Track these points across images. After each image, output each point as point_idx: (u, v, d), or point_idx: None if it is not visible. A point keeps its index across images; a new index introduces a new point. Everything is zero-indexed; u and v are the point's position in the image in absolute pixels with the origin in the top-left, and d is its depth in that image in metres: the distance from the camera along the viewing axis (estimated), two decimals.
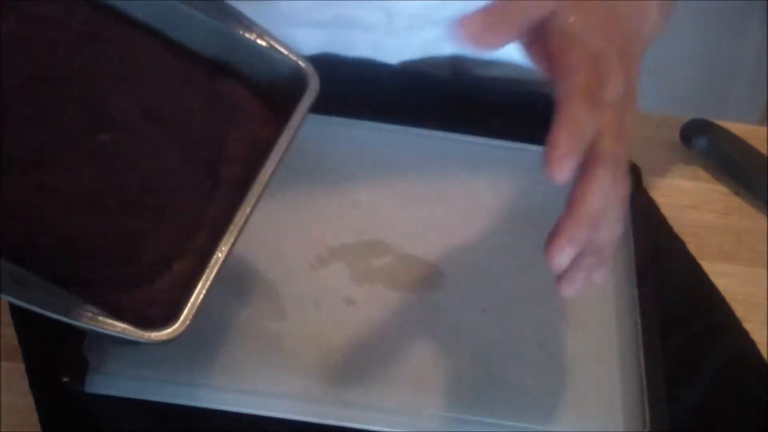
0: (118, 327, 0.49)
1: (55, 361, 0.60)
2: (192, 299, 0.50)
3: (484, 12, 0.49)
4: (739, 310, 0.69)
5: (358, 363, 0.62)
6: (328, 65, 0.60)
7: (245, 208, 0.52)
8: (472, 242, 0.69)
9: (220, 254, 0.51)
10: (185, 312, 0.50)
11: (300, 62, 0.57)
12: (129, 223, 0.53)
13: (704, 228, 0.75)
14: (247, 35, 0.57)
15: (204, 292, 0.50)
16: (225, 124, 0.57)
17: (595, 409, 0.62)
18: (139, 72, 0.57)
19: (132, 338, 0.49)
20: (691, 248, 0.73)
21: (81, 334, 0.61)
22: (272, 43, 0.57)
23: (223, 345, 0.62)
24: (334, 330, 0.63)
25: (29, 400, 0.60)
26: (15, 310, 0.64)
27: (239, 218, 0.52)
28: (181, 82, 0.57)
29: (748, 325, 0.68)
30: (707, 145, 0.78)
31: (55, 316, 0.48)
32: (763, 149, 0.79)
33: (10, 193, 0.51)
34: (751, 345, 0.67)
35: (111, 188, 0.53)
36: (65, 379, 0.59)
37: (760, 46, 1.70)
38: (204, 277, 0.51)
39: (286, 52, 0.57)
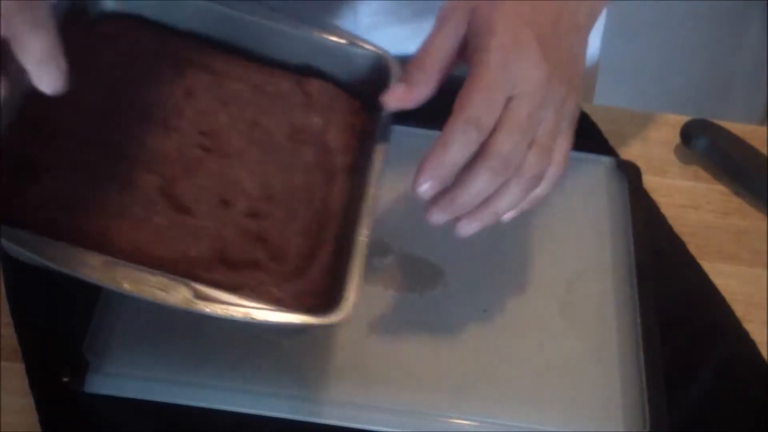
0: (298, 318, 0.51)
1: (55, 361, 0.60)
2: (352, 280, 0.53)
3: (405, 78, 0.56)
4: (739, 310, 0.69)
5: (358, 363, 0.62)
6: None
7: (372, 192, 0.56)
8: (472, 242, 0.69)
9: (363, 238, 0.54)
10: (349, 293, 0.52)
11: (380, 52, 0.62)
12: (264, 226, 0.56)
13: (704, 228, 0.75)
14: (326, 36, 0.62)
15: (360, 272, 0.53)
16: (323, 120, 0.61)
17: (595, 409, 0.62)
18: (238, 91, 0.61)
19: (311, 324, 0.52)
20: (691, 248, 0.73)
21: (81, 334, 0.61)
22: (351, 39, 0.61)
23: (223, 345, 0.62)
24: (334, 330, 0.63)
25: (29, 400, 0.60)
26: (15, 311, 0.64)
27: (369, 202, 0.56)
28: (275, 92, 0.61)
29: (748, 325, 0.68)
30: (707, 145, 0.78)
31: (239, 318, 0.51)
32: (763, 149, 0.79)
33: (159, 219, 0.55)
34: (751, 345, 0.67)
35: (238, 199, 0.57)
36: (65, 379, 0.59)
37: (760, 46, 1.70)
38: (355, 260, 0.53)
39: (365, 46, 0.61)
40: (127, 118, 0.58)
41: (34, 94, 0.50)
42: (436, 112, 0.74)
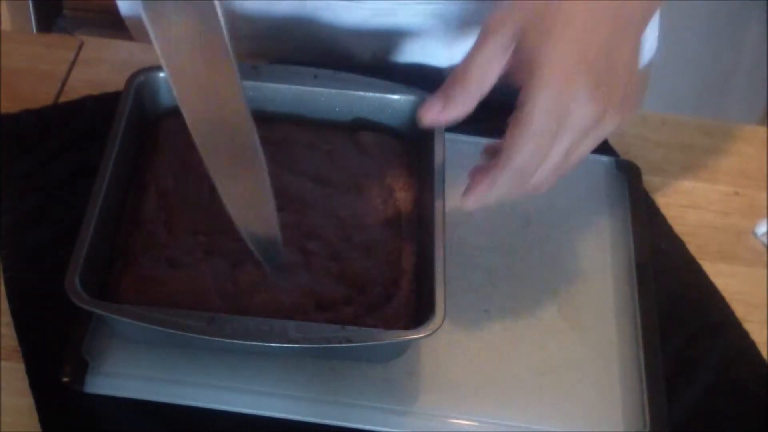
0: (404, 334, 0.58)
1: (55, 361, 0.60)
2: (438, 298, 0.58)
3: (444, 93, 0.56)
4: (739, 310, 0.69)
5: (359, 363, 0.62)
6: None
7: (440, 227, 0.61)
8: (472, 242, 0.69)
9: (440, 267, 0.59)
10: (438, 309, 0.57)
11: (419, 95, 0.67)
12: (347, 265, 0.62)
13: (704, 228, 0.75)
14: (368, 93, 0.68)
15: (444, 290, 0.58)
16: (380, 164, 0.68)
17: (595, 409, 0.62)
18: (297, 153, 0.68)
19: (409, 340, 0.58)
20: (691, 248, 0.73)
21: (81, 334, 0.61)
22: (391, 89, 0.68)
23: (223, 345, 0.61)
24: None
25: (29, 400, 0.60)
26: (15, 311, 0.64)
27: (440, 236, 0.60)
28: (331, 148, 0.68)
29: (748, 325, 0.68)
30: None
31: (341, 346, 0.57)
32: (763, 149, 0.79)
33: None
34: (751, 345, 0.67)
35: (318, 246, 0.63)
36: (65, 379, 0.60)
37: (760, 46, 1.70)
38: (438, 279, 0.58)
39: (404, 92, 0.68)
40: (203, 198, 0.64)
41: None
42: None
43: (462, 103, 0.56)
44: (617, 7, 0.54)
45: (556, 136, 0.53)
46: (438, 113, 0.56)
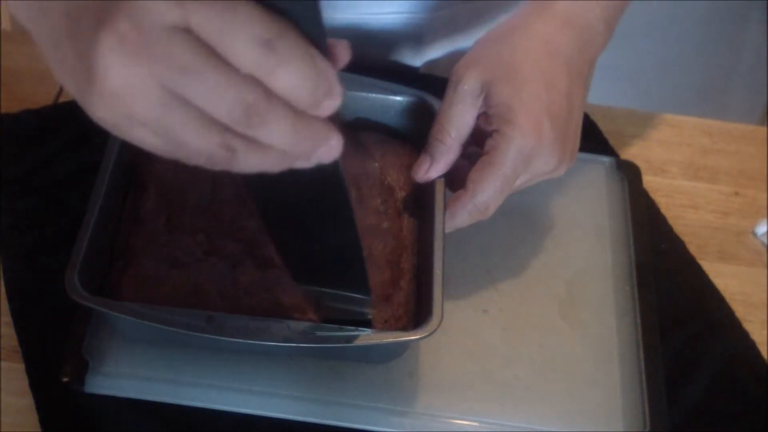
0: (402, 335, 0.58)
1: (55, 361, 0.60)
2: (436, 299, 0.58)
3: (429, 152, 0.62)
4: (739, 310, 0.69)
5: (358, 363, 0.62)
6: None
7: (440, 229, 0.61)
8: (472, 242, 0.69)
9: (439, 270, 0.59)
10: (436, 310, 0.57)
11: (420, 96, 0.68)
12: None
13: (704, 228, 0.75)
14: (369, 93, 0.69)
15: (442, 291, 0.58)
16: (380, 164, 0.67)
17: (595, 409, 0.62)
18: None
19: (407, 341, 0.58)
20: (691, 248, 0.73)
21: (81, 334, 0.61)
22: (392, 89, 0.69)
23: (223, 344, 0.61)
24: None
25: (29, 400, 0.60)
26: (15, 311, 0.64)
27: (439, 237, 0.61)
28: None
29: (748, 325, 0.68)
30: None
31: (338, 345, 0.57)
32: (763, 149, 0.79)
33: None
34: (751, 345, 0.67)
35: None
36: (65, 379, 0.59)
37: (760, 46, 1.70)
38: (436, 280, 0.58)
39: (405, 92, 0.68)
40: (203, 198, 0.64)
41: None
42: None
43: (445, 158, 0.62)
44: (568, 58, 0.61)
45: (517, 178, 0.60)
46: (426, 172, 0.62)
